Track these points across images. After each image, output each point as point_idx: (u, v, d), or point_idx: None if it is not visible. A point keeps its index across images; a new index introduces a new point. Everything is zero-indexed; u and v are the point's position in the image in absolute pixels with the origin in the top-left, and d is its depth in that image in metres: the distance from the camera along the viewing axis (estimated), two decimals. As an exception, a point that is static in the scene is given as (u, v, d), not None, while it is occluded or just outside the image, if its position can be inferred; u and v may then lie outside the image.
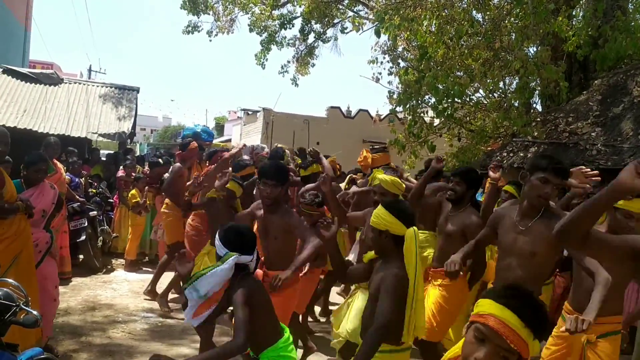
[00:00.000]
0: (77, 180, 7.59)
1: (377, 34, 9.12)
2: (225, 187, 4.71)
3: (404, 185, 3.97)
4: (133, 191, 7.97)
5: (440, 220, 4.12)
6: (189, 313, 2.67)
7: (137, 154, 16.92)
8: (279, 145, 11.36)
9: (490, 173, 4.04)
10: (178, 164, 6.17)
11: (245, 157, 6.53)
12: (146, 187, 8.16)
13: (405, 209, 2.75)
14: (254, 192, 5.20)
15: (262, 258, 3.67)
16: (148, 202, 8.08)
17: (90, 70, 30.58)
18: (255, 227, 4.16)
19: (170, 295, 6.40)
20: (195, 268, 4.36)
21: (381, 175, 3.85)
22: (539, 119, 8.77)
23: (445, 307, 3.79)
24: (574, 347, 3.01)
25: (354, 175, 6.80)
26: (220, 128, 33.44)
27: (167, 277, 6.38)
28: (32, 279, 4.12)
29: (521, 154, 7.87)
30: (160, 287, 6.56)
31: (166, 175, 7.82)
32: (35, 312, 2.43)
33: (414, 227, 2.66)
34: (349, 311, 3.64)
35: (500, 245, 3.09)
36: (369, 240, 2.92)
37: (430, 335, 3.55)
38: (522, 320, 1.38)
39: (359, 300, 3.59)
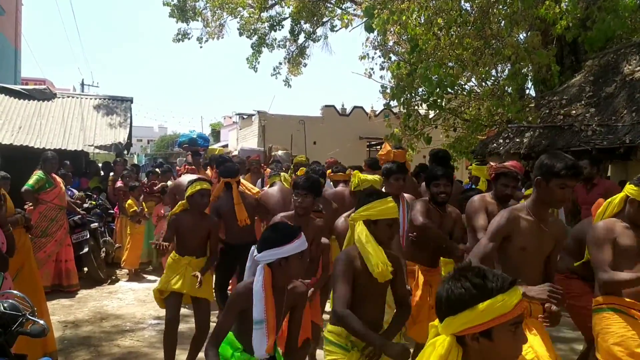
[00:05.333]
0: (73, 192, 7.62)
1: (368, 29, 9.16)
2: None
3: None
4: (129, 201, 7.98)
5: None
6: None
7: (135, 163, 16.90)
8: (275, 146, 11.39)
9: None
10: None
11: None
12: (141, 196, 8.18)
13: None
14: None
15: None
16: (146, 210, 8.11)
17: (82, 84, 30.57)
18: None
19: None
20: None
21: (370, 177, 3.85)
22: (532, 104, 8.79)
23: None
24: None
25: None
26: (216, 134, 33.46)
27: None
28: (35, 292, 4.15)
29: (517, 140, 7.89)
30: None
31: (169, 183, 7.89)
32: (41, 322, 2.44)
33: None
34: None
35: (525, 251, 2.90)
36: None
37: None
38: None
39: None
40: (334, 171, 5.72)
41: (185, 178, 6.45)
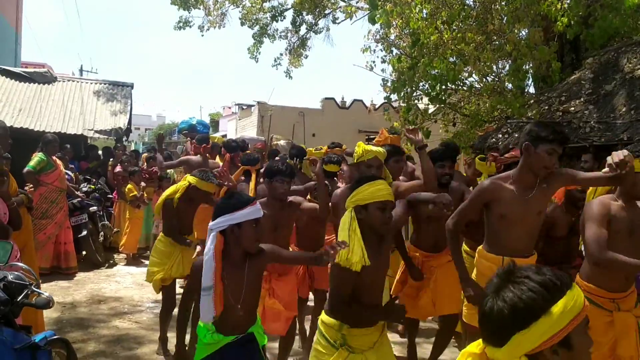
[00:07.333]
0: (70, 175, 7.64)
1: (372, 20, 9.18)
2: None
3: None
4: (129, 185, 8.00)
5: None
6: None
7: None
8: (276, 136, 11.41)
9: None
10: None
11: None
12: (142, 182, 8.20)
13: None
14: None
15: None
16: (145, 196, 8.13)
17: (81, 70, 30.48)
18: None
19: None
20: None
21: (374, 148, 3.73)
22: (532, 101, 8.84)
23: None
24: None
25: None
26: (215, 124, 33.37)
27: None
28: (35, 272, 4.17)
29: (516, 135, 7.94)
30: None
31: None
32: (46, 294, 2.49)
33: None
34: None
35: (505, 218, 3.02)
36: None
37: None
38: None
39: None
40: (330, 147, 6.16)
41: (197, 159, 6.38)
